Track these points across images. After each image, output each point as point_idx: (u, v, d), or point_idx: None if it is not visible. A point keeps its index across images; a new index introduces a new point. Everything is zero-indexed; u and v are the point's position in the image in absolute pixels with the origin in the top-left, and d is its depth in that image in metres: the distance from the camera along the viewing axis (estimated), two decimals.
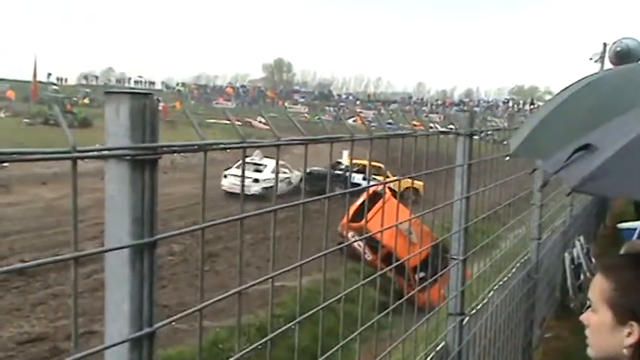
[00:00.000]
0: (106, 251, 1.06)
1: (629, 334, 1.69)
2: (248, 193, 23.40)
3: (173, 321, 1.19)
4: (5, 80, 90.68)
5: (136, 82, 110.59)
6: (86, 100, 70.99)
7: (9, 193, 23.81)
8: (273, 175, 26.84)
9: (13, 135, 34.78)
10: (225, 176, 26.61)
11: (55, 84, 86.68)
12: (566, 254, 7.46)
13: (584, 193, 4.47)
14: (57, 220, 19.18)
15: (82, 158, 0.94)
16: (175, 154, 1.26)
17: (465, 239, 3.26)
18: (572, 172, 1.75)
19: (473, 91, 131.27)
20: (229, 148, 1.31)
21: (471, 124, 3.26)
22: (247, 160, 24.71)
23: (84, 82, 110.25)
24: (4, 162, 0.91)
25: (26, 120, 51.78)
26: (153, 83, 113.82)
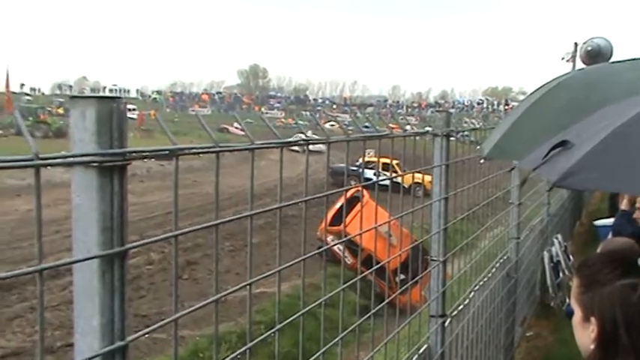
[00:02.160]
0: (73, 262, 1.01)
1: (593, 329, 1.72)
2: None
3: (146, 334, 1.14)
4: None
5: (110, 90, 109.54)
6: (60, 110, 70.11)
7: None
8: None
9: None
10: None
11: (28, 94, 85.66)
12: (545, 252, 7.50)
13: (565, 188, 4.53)
14: (32, 232, 18.88)
15: (45, 166, 0.90)
16: (151, 162, 1.22)
17: (445, 240, 3.25)
18: (551, 168, 1.77)
19: (448, 92, 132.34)
20: (201, 153, 1.27)
21: (447, 124, 3.25)
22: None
23: (58, 91, 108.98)
24: None
25: None
26: (128, 91, 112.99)
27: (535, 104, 2.98)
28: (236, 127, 62.19)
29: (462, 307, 3.74)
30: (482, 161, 3.68)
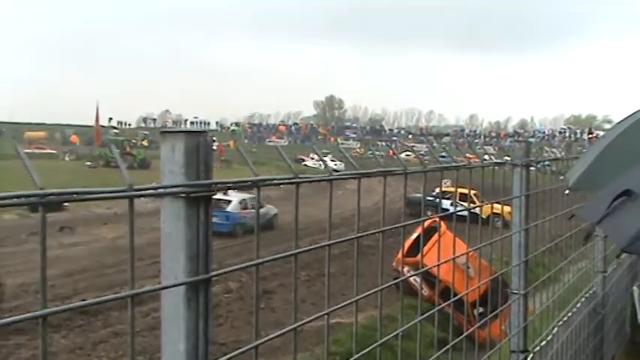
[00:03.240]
0: (162, 289, 1.06)
1: None
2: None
3: (228, 359, 1.18)
4: (70, 126, 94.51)
5: (191, 122, 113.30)
6: (145, 142, 73.12)
7: (73, 233, 24.53)
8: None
9: (76, 177, 36.01)
10: None
11: (115, 127, 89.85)
12: (635, 287, 7.13)
13: (635, 254, 4.20)
14: (117, 259, 19.63)
15: (139, 197, 0.96)
16: (229, 191, 1.27)
17: (526, 273, 3.17)
18: (616, 227, 1.61)
19: (527, 121, 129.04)
20: (282, 184, 1.31)
21: (527, 154, 3.19)
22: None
23: (143, 124, 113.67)
24: (67, 202, 0.93)
25: (88, 163, 53.66)
26: (208, 123, 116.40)
27: (623, 134, 2.88)
28: (312, 158, 62.93)
29: (544, 343, 3.61)
30: (566, 192, 3.57)
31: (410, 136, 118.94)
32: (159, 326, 1.11)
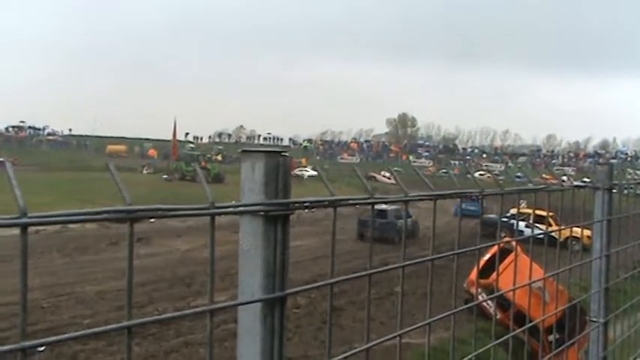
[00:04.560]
0: (239, 304, 1.09)
1: None
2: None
3: None
4: (149, 140, 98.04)
5: (265, 138, 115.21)
6: (219, 157, 74.88)
7: (149, 245, 25.33)
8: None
9: (153, 190, 37.24)
10: None
11: (191, 142, 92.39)
12: None
13: None
14: (190, 271, 20.10)
15: (220, 214, 0.99)
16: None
17: (606, 300, 3.04)
18: None
19: (609, 142, 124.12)
20: (358, 204, 1.32)
21: (610, 177, 3.08)
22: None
23: (217, 139, 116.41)
24: (153, 217, 0.97)
25: (165, 176, 55.37)
26: (281, 140, 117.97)
27: None
28: (383, 176, 62.67)
29: None
30: None
31: (484, 156, 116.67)
32: (228, 338, 1.13)
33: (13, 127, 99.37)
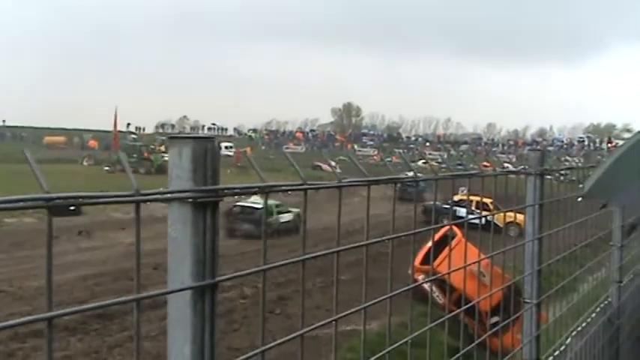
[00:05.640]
0: (168, 293, 1.07)
1: None
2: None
3: None
4: (89, 131, 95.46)
5: (209, 128, 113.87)
6: (162, 148, 73.57)
7: (90, 237, 24.76)
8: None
9: (93, 182, 36.37)
10: None
11: (134, 133, 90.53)
12: None
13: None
14: (134, 264, 19.76)
15: (145, 201, 0.97)
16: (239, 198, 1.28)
17: (539, 282, 3.14)
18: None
19: (546, 130, 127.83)
20: (290, 190, 1.32)
21: (541, 163, 3.17)
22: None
23: (160, 130, 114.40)
24: (75, 205, 0.94)
25: (106, 168, 54.10)
26: (225, 130, 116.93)
27: None
28: (329, 165, 62.88)
29: (557, 352, 3.57)
30: (579, 199, 3.55)
31: (427, 144, 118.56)
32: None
33: None
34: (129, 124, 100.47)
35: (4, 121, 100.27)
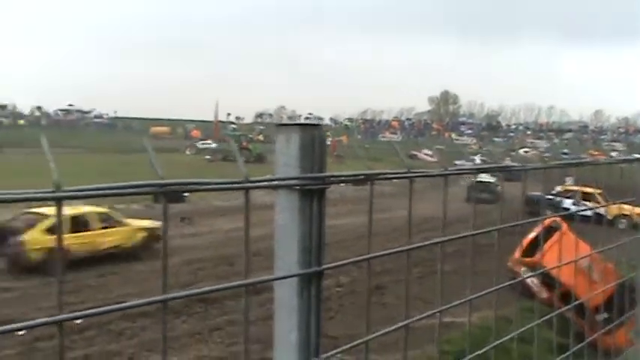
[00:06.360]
0: (275, 279, 1.08)
1: None
2: None
3: (339, 352, 1.18)
4: (191, 121, 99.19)
5: (306, 118, 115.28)
6: (261, 137, 75.28)
7: (192, 224, 25.70)
8: None
9: (196, 171, 37.72)
10: None
11: (233, 123, 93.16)
12: None
13: None
14: (234, 250, 20.35)
15: (254, 188, 0.97)
16: (345, 186, 1.27)
17: None
18: None
19: None
20: (395, 178, 1.30)
21: None
22: None
23: (259, 120, 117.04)
24: (186, 192, 0.97)
25: (207, 157, 56.02)
26: (321, 119, 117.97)
27: None
28: (425, 154, 62.16)
29: None
30: None
31: (529, 132, 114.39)
32: (273, 316, 1.13)
33: (62, 110, 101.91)
34: (229, 115, 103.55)
35: (115, 112, 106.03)
